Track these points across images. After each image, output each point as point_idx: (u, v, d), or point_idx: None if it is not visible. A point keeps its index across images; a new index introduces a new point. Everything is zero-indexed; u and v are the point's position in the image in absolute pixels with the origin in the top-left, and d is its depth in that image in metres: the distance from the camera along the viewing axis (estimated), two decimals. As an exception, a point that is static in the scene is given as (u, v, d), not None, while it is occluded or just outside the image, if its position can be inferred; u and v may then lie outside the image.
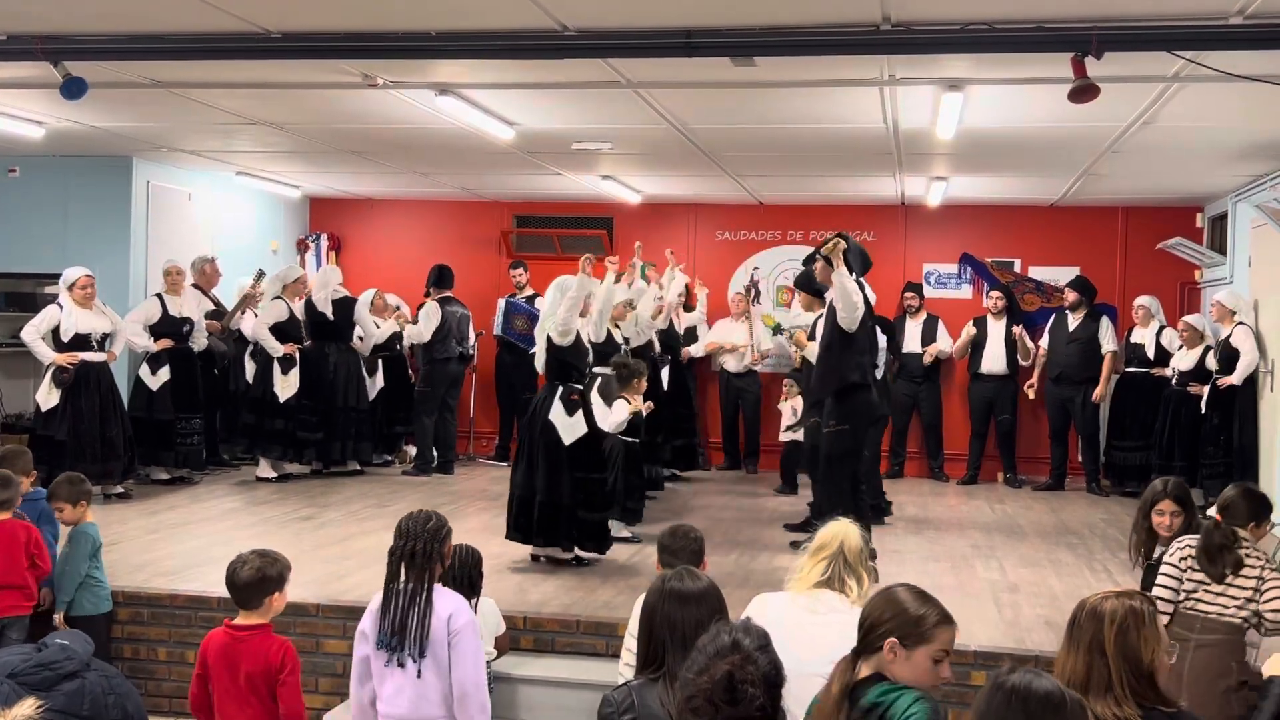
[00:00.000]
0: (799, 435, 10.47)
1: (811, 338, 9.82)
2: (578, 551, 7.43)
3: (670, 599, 3.27)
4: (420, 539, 4.15)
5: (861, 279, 7.37)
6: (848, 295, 7.07)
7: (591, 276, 7.66)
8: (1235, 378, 9.46)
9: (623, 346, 9.14)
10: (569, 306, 7.38)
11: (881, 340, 10.16)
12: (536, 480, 7.24)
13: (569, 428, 7.28)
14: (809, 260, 8.15)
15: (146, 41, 6.12)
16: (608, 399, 8.01)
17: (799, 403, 10.50)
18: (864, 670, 3.12)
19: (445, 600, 4.14)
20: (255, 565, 4.49)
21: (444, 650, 4.04)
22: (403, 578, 4.13)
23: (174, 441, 9.99)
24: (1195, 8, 5.14)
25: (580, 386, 7.56)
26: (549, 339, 7.45)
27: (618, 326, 9.17)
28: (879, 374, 8.53)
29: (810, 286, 7.99)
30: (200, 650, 4.56)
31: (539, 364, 7.63)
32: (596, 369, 8.41)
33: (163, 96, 7.72)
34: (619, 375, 8.25)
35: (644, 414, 8.36)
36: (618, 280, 8.78)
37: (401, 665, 4.05)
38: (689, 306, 11.91)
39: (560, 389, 7.37)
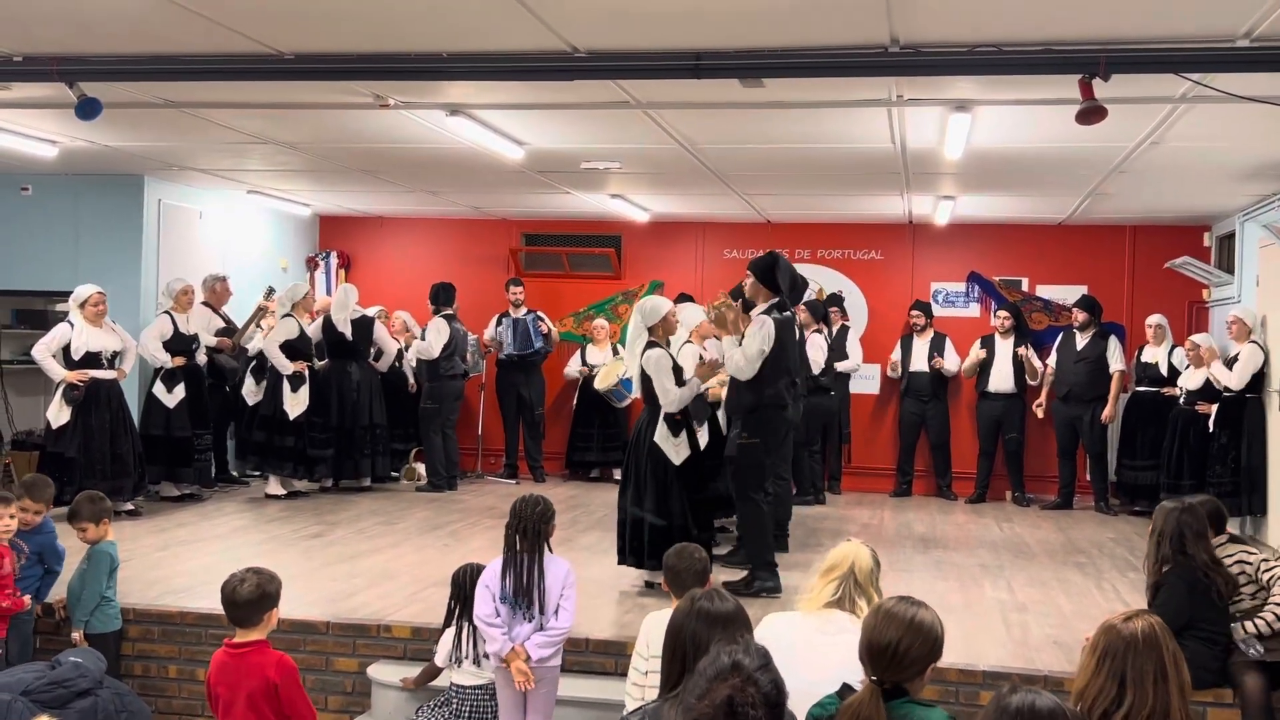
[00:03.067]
0: None
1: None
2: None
3: (699, 619, 3.28)
4: (531, 519, 5.08)
5: (789, 298, 7.48)
6: (731, 361, 7.17)
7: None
8: (1234, 381, 9.47)
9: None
10: (690, 389, 7.24)
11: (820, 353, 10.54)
12: (645, 504, 7.17)
13: (676, 449, 7.21)
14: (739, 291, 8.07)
15: (161, 63, 6.17)
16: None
17: None
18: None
19: (557, 563, 5.17)
20: (255, 583, 4.53)
21: (556, 599, 5.09)
22: (517, 547, 5.07)
23: (192, 458, 10.04)
24: (1202, 30, 5.17)
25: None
26: (643, 367, 7.32)
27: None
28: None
29: (769, 281, 7.77)
30: (207, 675, 4.60)
31: (635, 390, 7.57)
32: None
33: (176, 116, 7.78)
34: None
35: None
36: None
37: (529, 620, 5.05)
38: None
39: (663, 411, 7.25)
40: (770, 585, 7.19)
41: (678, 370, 7.25)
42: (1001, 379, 11.58)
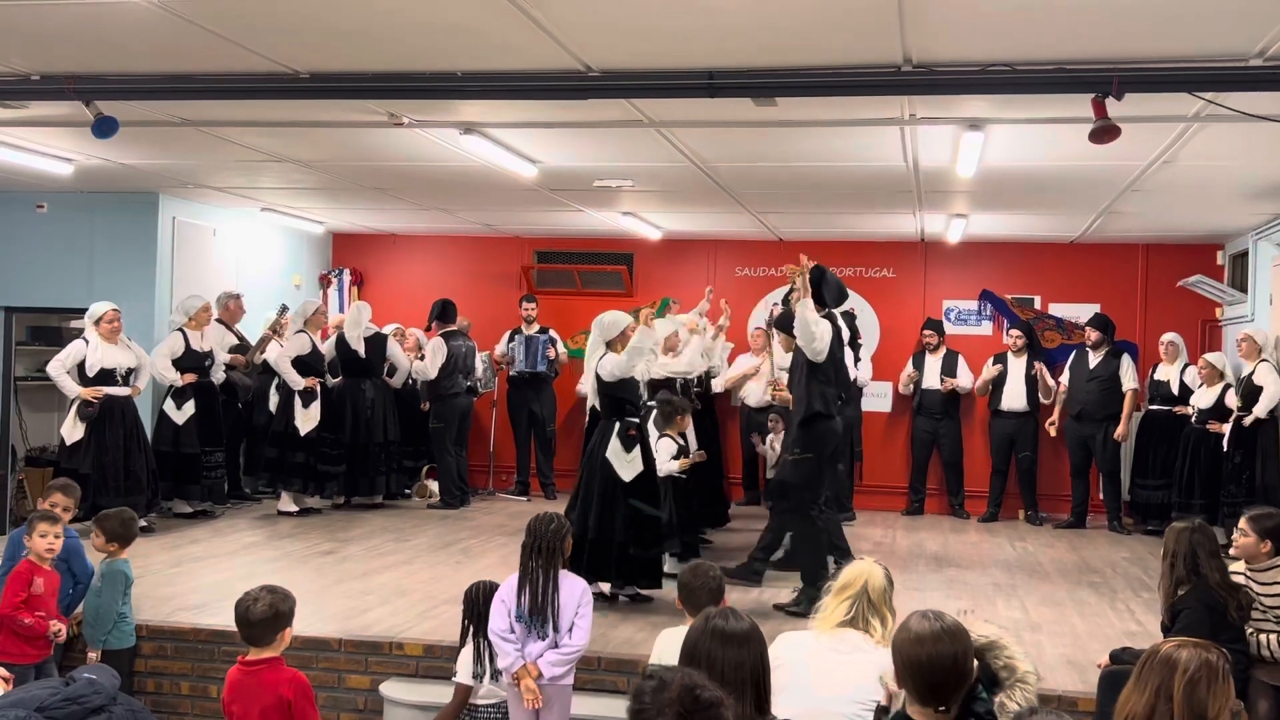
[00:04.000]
0: None
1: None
2: (635, 589, 7.36)
3: (714, 638, 3.27)
4: (546, 537, 5.08)
5: (834, 311, 7.43)
6: (805, 326, 7.14)
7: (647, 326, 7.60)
8: (1260, 410, 9.41)
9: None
10: (631, 355, 7.29)
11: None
12: (589, 518, 7.19)
13: (627, 465, 7.24)
14: (786, 299, 8.07)
15: (177, 81, 6.21)
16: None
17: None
18: None
19: (574, 581, 5.18)
20: (268, 602, 4.54)
21: (571, 617, 5.07)
22: (533, 565, 5.06)
23: (200, 475, 10.06)
24: (1215, 49, 5.17)
25: (637, 421, 7.48)
26: (598, 377, 7.39)
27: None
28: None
29: (787, 326, 7.85)
30: (222, 692, 4.64)
31: (592, 401, 7.59)
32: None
33: (191, 134, 7.82)
34: (662, 412, 8.25)
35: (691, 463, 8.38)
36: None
37: (543, 637, 5.02)
38: None
39: (617, 425, 7.30)
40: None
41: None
42: (1014, 397, 11.56)
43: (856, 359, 11.28)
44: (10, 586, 5.99)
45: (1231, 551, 5.79)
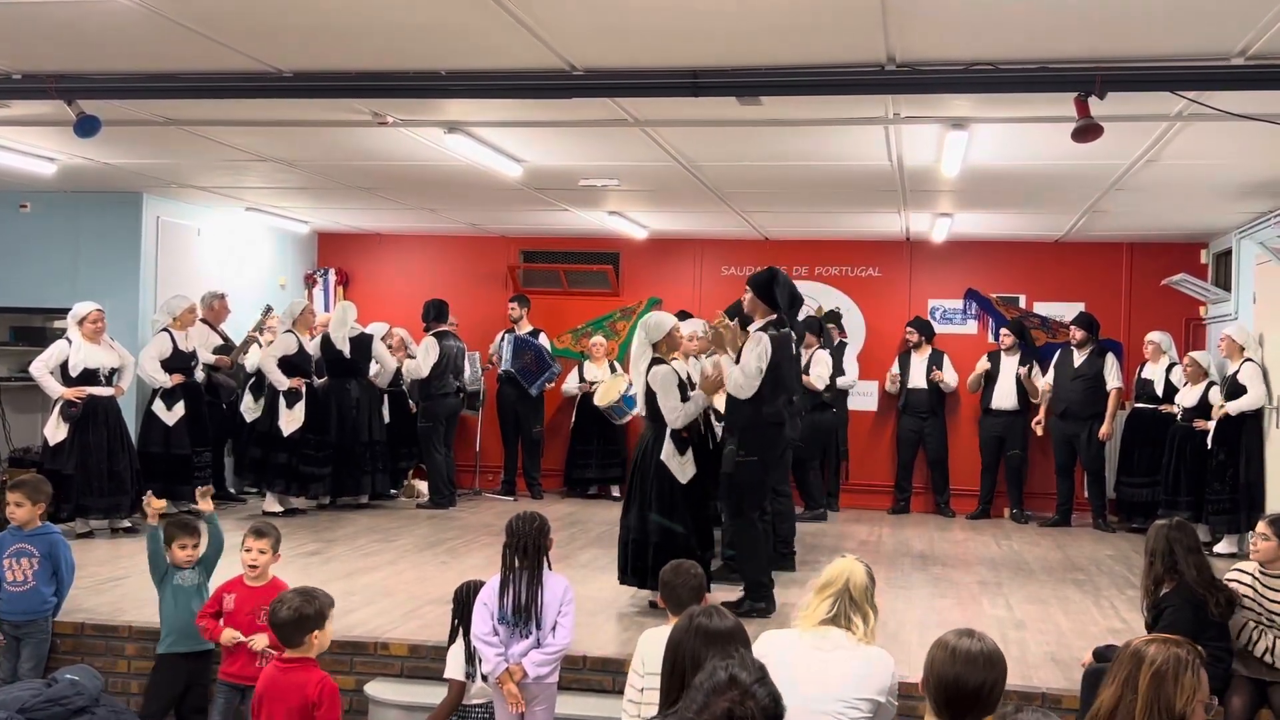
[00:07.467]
0: None
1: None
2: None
3: (697, 636, 3.27)
4: (530, 536, 5.06)
5: (788, 315, 7.28)
6: (731, 379, 7.00)
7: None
8: (1232, 407, 9.46)
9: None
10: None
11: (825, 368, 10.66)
12: (649, 522, 7.09)
13: (683, 467, 7.13)
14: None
15: (160, 80, 6.20)
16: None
17: None
18: None
19: (556, 580, 5.16)
20: (293, 605, 4.60)
21: (554, 616, 5.08)
22: (516, 565, 5.04)
23: (191, 476, 10.01)
24: (1197, 48, 5.19)
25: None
26: (648, 384, 7.22)
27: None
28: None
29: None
30: (255, 689, 4.71)
31: (639, 408, 7.49)
32: None
33: (175, 134, 7.80)
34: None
35: None
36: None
37: (526, 636, 5.02)
38: None
39: (669, 430, 7.17)
40: (762, 606, 7.08)
41: (684, 386, 7.13)
42: (1004, 396, 11.59)
43: (841, 363, 11.42)
44: (214, 595, 5.93)
45: (1252, 555, 5.78)
